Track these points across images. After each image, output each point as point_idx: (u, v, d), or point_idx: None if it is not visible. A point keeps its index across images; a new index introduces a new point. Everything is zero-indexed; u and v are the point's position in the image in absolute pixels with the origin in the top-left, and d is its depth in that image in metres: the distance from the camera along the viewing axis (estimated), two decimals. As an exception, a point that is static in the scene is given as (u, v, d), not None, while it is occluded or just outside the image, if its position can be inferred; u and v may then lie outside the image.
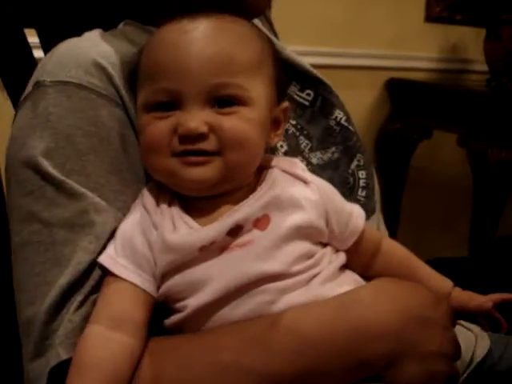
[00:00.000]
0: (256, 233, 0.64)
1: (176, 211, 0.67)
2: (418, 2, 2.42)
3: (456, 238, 2.24)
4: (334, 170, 0.88)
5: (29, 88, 0.73)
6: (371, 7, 2.30)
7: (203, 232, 0.64)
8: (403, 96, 2.38)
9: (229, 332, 0.63)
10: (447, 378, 0.66)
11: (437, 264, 0.79)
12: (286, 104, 0.73)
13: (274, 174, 0.70)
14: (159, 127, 0.65)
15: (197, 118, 0.64)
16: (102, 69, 0.71)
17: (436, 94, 2.26)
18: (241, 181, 0.68)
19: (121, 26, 0.83)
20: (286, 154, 0.83)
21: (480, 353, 0.82)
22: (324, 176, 0.86)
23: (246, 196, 0.67)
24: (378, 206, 0.92)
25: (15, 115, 0.74)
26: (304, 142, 0.87)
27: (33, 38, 0.96)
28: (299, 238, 0.66)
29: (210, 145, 0.64)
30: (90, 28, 0.80)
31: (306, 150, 0.87)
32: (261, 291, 0.63)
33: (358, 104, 2.32)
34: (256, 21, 0.85)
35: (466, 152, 2.06)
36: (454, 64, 2.50)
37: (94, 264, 0.65)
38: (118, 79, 0.71)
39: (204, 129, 0.63)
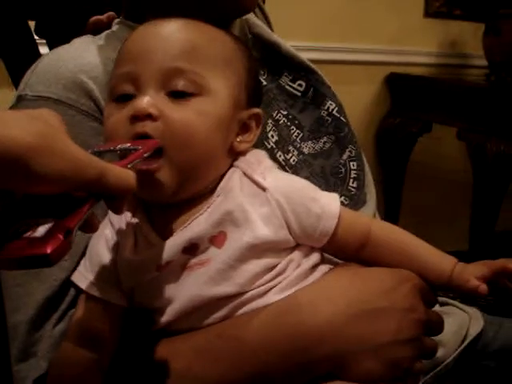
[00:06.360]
0: (213, 251, 0.64)
1: (138, 222, 0.67)
2: (418, -2, 2.43)
3: (456, 232, 2.25)
4: (326, 159, 0.88)
5: (14, 100, 0.74)
6: (370, 2, 2.31)
7: (158, 251, 0.64)
8: (403, 91, 2.39)
9: (182, 341, 0.65)
10: (420, 356, 0.65)
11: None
12: (257, 110, 0.70)
13: (233, 180, 0.67)
14: (117, 116, 0.64)
15: (148, 100, 0.62)
16: (80, 83, 0.72)
17: (435, 89, 2.26)
18: (201, 185, 0.66)
19: (114, 25, 0.84)
20: (276, 143, 0.84)
21: (473, 332, 0.82)
22: (316, 165, 0.87)
23: (207, 202, 0.66)
24: (372, 197, 0.91)
25: None
26: (295, 132, 0.88)
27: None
28: (256, 256, 0.64)
29: (155, 130, 0.61)
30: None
31: (298, 140, 0.87)
32: (216, 309, 0.64)
33: (358, 99, 2.33)
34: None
35: (465, 146, 2.07)
36: (453, 59, 2.51)
37: (69, 281, 0.68)
38: (99, 92, 0.72)
39: (153, 110, 0.62)
